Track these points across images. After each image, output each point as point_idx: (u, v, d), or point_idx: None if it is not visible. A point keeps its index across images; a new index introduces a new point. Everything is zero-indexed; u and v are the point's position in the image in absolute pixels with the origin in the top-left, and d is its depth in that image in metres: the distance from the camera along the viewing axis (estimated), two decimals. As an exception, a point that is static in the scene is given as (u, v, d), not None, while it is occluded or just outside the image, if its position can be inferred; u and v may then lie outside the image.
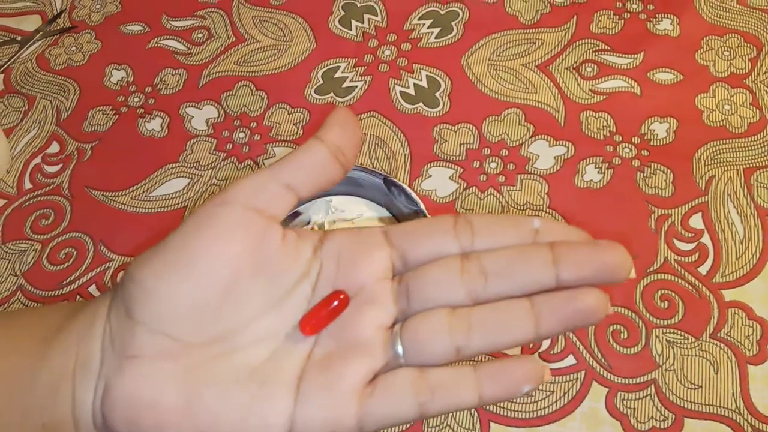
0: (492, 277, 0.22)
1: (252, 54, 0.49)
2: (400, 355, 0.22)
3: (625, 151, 0.43)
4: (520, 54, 0.47)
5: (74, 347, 0.23)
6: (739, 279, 0.38)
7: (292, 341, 0.23)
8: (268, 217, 0.23)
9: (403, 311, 0.23)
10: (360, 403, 0.21)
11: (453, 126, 0.45)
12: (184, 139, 0.46)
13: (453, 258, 0.23)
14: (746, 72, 0.46)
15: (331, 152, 0.24)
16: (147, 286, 0.22)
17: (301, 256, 0.24)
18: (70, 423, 0.22)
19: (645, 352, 0.37)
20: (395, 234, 0.24)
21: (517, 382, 0.22)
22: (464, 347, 0.22)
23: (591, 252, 0.22)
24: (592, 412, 0.35)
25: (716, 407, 0.35)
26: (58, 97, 0.48)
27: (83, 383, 0.22)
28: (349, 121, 0.25)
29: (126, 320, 0.22)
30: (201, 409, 0.21)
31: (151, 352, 0.22)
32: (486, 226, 0.23)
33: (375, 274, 0.24)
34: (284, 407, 0.21)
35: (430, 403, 0.22)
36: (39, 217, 0.43)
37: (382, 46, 0.49)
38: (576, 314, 0.21)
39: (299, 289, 0.24)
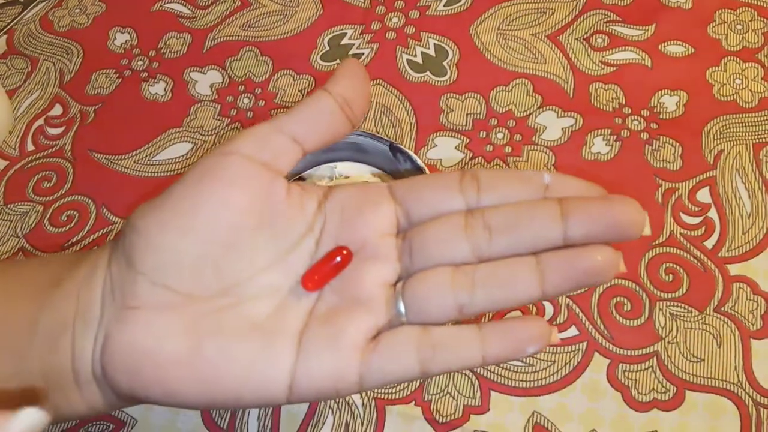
0: (496, 233, 0.22)
1: (258, 19, 0.48)
2: (402, 314, 0.22)
3: (633, 123, 0.42)
4: (529, 23, 0.47)
5: (74, 297, 0.22)
6: (745, 254, 0.38)
7: (294, 296, 0.23)
8: (272, 170, 0.23)
9: (407, 268, 0.23)
10: (362, 358, 0.21)
11: (460, 95, 0.44)
12: (187, 104, 0.45)
13: (457, 214, 0.23)
14: (759, 46, 0.45)
15: (338, 105, 0.23)
16: (149, 236, 0.22)
17: (306, 211, 0.24)
18: (69, 373, 0.22)
19: (648, 325, 0.36)
20: (399, 189, 0.24)
21: (523, 343, 0.21)
22: (467, 305, 0.21)
23: (602, 207, 0.21)
24: (593, 383, 0.35)
25: (718, 380, 0.35)
26: (62, 59, 0.47)
27: (83, 333, 0.22)
28: (359, 73, 0.24)
29: (127, 270, 0.22)
30: (202, 361, 0.21)
31: (153, 304, 0.21)
32: (493, 181, 0.23)
33: (379, 230, 0.23)
34: (286, 361, 0.21)
35: (432, 360, 0.21)
36: (41, 179, 0.43)
37: (390, 13, 0.48)
38: (584, 272, 0.21)
39: (303, 243, 0.23)
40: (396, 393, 0.35)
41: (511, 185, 0.23)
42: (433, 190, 0.23)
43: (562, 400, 0.35)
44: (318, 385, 0.21)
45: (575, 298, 0.37)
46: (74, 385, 0.22)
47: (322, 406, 0.35)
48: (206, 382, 0.21)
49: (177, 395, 0.21)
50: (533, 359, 0.36)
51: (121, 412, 0.36)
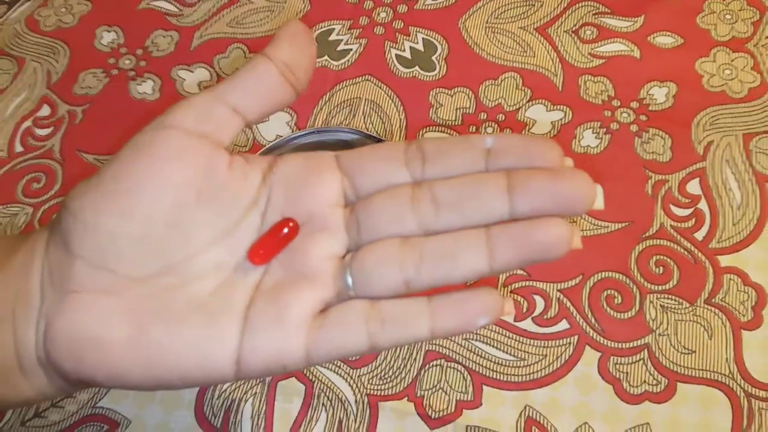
0: (443, 207, 0.21)
1: (245, 15, 0.48)
2: (350, 287, 0.21)
3: (623, 116, 0.42)
4: (518, 16, 0.47)
5: (13, 284, 0.22)
6: (735, 245, 0.38)
7: (241, 272, 0.22)
8: (213, 142, 0.22)
9: (355, 241, 0.22)
10: (308, 333, 0.21)
11: (449, 90, 0.44)
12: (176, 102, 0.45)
13: (403, 187, 0.22)
14: (748, 36, 0.45)
15: (279, 71, 0.22)
16: (85, 219, 0.21)
17: (250, 183, 0.23)
18: (13, 361, 0.22)
19: (639, 317, 0.36)
20: (345, 159, 0.23)
21: (473, 315, 0.20)
22: (413, 280, 0.21)
23: (549, 180, 0.20)
24: (584, 376, 0.35)
25: (710, 372, 0.35)
26: (48, 59, 0.47)
27: (23, 320, 0.21)
28: (301, 35, 0.23)
29: (65, 254, 0.21)
30: (147, 342, 0.20)
31: (93, 287, 0.21)
32: (437, 150, 0.22)
33: (326, 201, 0.23)
34: (231, 338, 0.21)
35: (381, 334, 0.21)
36: (30, 181, 0.42)
37: (378, 8, 0.48)
38: (535, 246, 0.20)
39: (248, 217, 0.23)
40: (389, 389, 0.36)
41: (453, 154, 0.22)
42: (378, 161, 0.23)
43: (553, 393, 0.35)
44: (265, 361, 0.21)
45: (566, 291, 0.37)
46: (19, 373, 0.22)
47: (315, 403, 0.35)
48: (151, 364, 0.21)
49: (122, 378, 0.21)
50: (525, 353, 0.36)
51: (115, 413, 0.36)
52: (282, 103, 0.23)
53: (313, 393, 0.36)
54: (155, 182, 0.21)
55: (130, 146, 0.21)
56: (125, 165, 0.21)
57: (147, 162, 0.21)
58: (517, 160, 0.21)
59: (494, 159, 0.21)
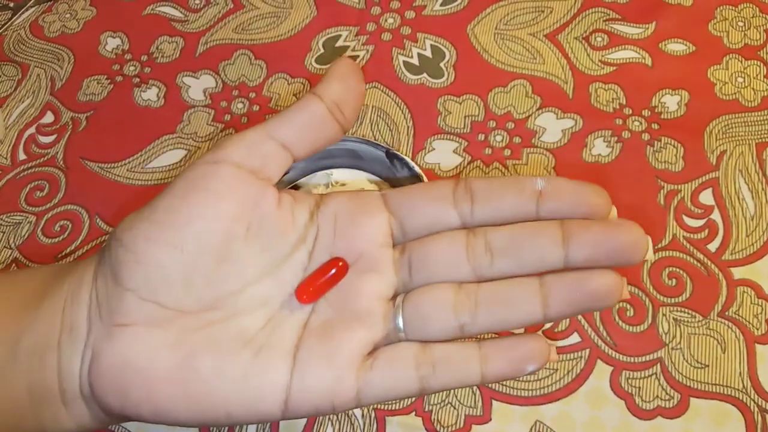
0: (498, 255, 0.21)
1: (251, 21, 0.48)
2: (401, 329, 0.22)
3: (634, 124, 0.42)
4: (527, 23, 0.46)
5: (59, 315, 0.22)
6: (749, 256, 0.37)
7: (287, 309, 0.22)
8: (262, 178, 0.22)
9: (405, 283, 0.22)
10: (359, 374, 0.21)
11: (458, 97, 0.44)
12: (181, 110, 0.44)
13: (459, 232, 0.22)
14: (761, 43, 0.44)
15: (328, 109, 0.23)
16: (137, 251, 0.21)
17: (298, 221, 0.23)
18: (56, 391, 0.22)
19: (651, 331, 0.36)
20: (393, 198, 0.23)
21: (523, 361, 0.21)
22: (468, 325, 0.21)
23: (603, 231, 0.20)
24: (596, 390, 0.35)
25: (723, 387, 0.34)
26: (52, 65, 0.47)
27: (69, 352, 0.21)
28: (351, 74, 0.23)
29: (114, 286, 0.21)
30: (193, 378, 0.20)
31: (141, 320, 0.21)
32: (486, 191, 0.22)
33: (375, 240, 0.23)
34: (280, 377, 0.21)
35: (432, 377, 0.21)
36: (33, 189, 0.42)
37: (386, 13, 0.47)
38: (587, 297, 0.20)
39: (296, 255, 0.23)
40: (396, 403, 0.35)
41: (503, 195, 0.22)
42: (427, 201, 0.23)
43: (564, 408, 0.35)
44: (314, 401, 0.21)
45: (577, 304, 0.37)
46: (61, 403, 0.22)
47: (321, 418, 0.35)
48: (197, 400, 0.21)
49: (167, 413, 0.21)
50: (535, 367, 0.35)
51: (119, 426, 0.35)
52: (330, 139, 0.23)
53: (319, 407, 0.35)
54: (206, 215, 0.21)
55: (182, 179, 0.22)
56: (177, 198, 0.21)
57: (199, 195, 0.21)
58: (567, 206, 0.21)
59: (545, 203, 0.22)
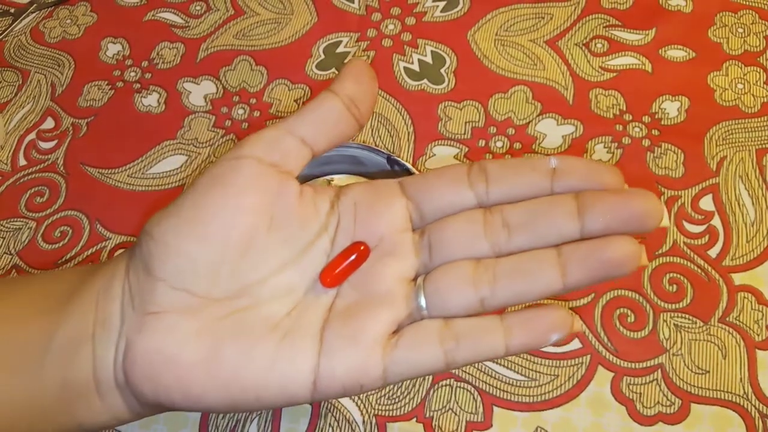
0: (515, 230, 0.22)
1: (251, 27, 0.48)
2: (423, 308, 0.22)
3: (635, 130, 0.42)
4: (528, 29, 0.46)
5: (92, 308, 0.23)
6: (749, 262, 0.38)
7: (312, 294, 0.23)
8: (284, 172, 0.23)
9: (425, 264, 0.23)
10: (384, 352, 0.21)
11: (458, 103, 0.44)
12: (181, 116, 0.44)
13: (476, 211, 0.23)
14: (760, 50, 0.44)
15: (345, 105, 0.23)
16: (167, 242, 0.22)
17: (319, 211, 0.24)
18: (91, 382, 0.22)
19: (652, 336, 0.36)
20: (410, 184, 0.24)
21: (546, 330, 0.21)
22: (488, 298, 0.22)
23: (618, 200, 0.21)
24: (597, 396, 0.35)
25: (724, 392, 0.34)
26: (53, 71, 0.47)
27: (103, 342, 0.22)
28: (364, 72, 0.24)
29: (146, 277, 0.22)
30: (224, 363, 0.21)
31: (173, 308, 0.22)
32: (501, 171, 0.23)
33: (394, 225, 0.24)
34: (308, 359, 0.21)
35: (456, 351, 0.21)
36: (34, 195, 0.42)
37: (386, 20, 0.47)
38: (605, 264, 0.20)
39: (318, 243, 0.24)
40: (397, 410, 0.35)
41: (518, 175, 0.23)
42: (442, 185, 0.24)
43: (566, 414, 0.35)
44: (342, 381, 0.21)
45: (578, 310, 0.37)
46: (96, 395, 0.23)
47: (321, 424, 0.35)
48: (228, 384, 0.21)
49: (199, 399, 0.21)
50: (536, 373, 0.35)
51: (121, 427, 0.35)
52: (347, 134, 0.24)
53: (319, 413, 0.35)
54: (230, 208, 0.22)
55: (206, 176, 0.23)
56: (202, 194, 0.22)
57: (223, 190, 0.22)
58: (581, 182, 0.22)
59: (559, 180, 0.22)
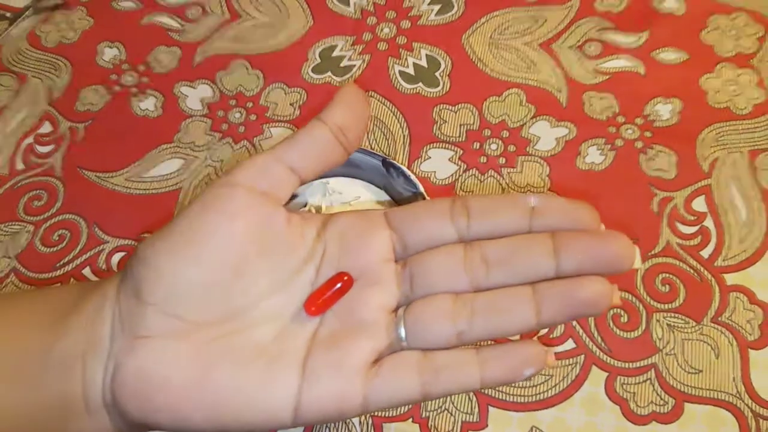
0: (493, 266, 0.23)
1: (247, 31, 0.48)
2: (403, 338, 0.23)
3: (628, 132, 0.42)
4: (522, 32, 0.46)
5: (84, 330, 0.23)
6: (741, 263, 0.38)
7: (297, 322, 0.24)
8: (272, 199, 0.24)
9: (406, 296, 0.24)
10: (365, 382, 0.22)
11: (453, 106, 0.44)
12: (178, 119, 0.45)
13: (456, 246, 0.24)
14: (753, 52, 0.45)
15: (333, 134, 0.24)
16: (158, 267, 0.22)
17: (306, 239, 0.25)
18: (80, 401, 0.23)
19: (645, 336, 0.36)
20: (394, 216, 0.25)
21: (520, 366, 0.22)
22: (466, 332, 0.22)
23: (592, 241, 0.21)
24: (591, 396, 0.35)
25: (717, 392, 0.35)
26: (50, 75, 0.47)
27: (93, 364, 0.23)
28: (356, 100, 0.25)
29: (135, 302, 0.23)
30: (212, 386, 0.22)
31: (162, 332, 0.22)
32: (482, 207, 0.24)
33: (378, 256, 0.24)
34: (291, 385, 0.22)
35: (433, 383, 0.22)
36: (31, 199, 0.42)
37: (381, 23, 0.48)
38: (578, 303, 0.21)
39: (304, 271, 0.24)
40: (393, 410, 0.35)
41: (498, 211, 0.23)
42: (426, 218, 0.24)
43: (560, 414, 0.35)
44: (323, 408, 0.22)
45: (572, 311, 0.37)
46: (85, 413, 0.23)
47: (319, 426, 0.35)
48: (215, 408, 0.22)
49: (186, 421, 0.22)
50: (531, 374, 0.36)
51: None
52: (335, 162, 0.25)
53: (317, 414, 0.35)
54: (223, 233, 0.23)
55: (198, 202, 0.23)
56: (195, 218, 0.23)
57: (215, 216, 0.23)
58: (558, 221, 0.23)
59: (537, 218, 0.23)
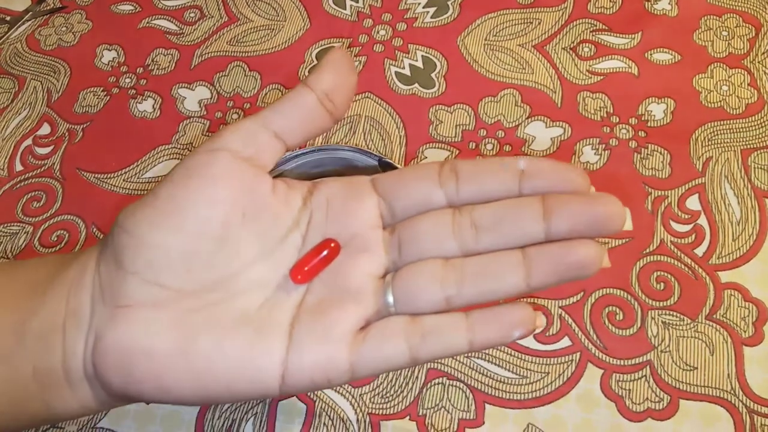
0: (483, 230, 0.22)
1: (245, 34, 0.48)
2: (391, 304, 0.22)
3: (622, 132, 0.43)
4: (516, 34, 0.47)
5: (64, 300, 0.23)
6: (735, 260, 0.38)
7: (284, 289, 0.23)
8: (257, 165, 0.23)
9: (394, 262, 0.23)
10: (352, 347, 0.21)
11: (449, 107, 0.44)
12: (176, 121, 0.45)
13: (445, 211, 0.23)
14: (745, 52, 0.45)
15: (318, 100, 0.23)
16: (140, 235, 0.22)
17: (292, 206, 0.24)
18: (60, 372, 0.23)
19: (640, 334, 0.36)
20: (382, 182, 0.24)
21: (509, 327, 0.21)
22: (454, 297, 0.22)
23: (582, 204, 0.21)
24: (587, 393, 0.35)
25: (711, 389, 0.35)
26: (49, 78, 0.47)
27: (74, 334, 0.22)
28: (343, 64, 0.24)
29: (116, 271, 0.22)
30: (196, 355, 0.21)
31: (144, 301, 0.22)
32: (470, 171, 0.23)
33: (365, 223, 0.24)
34: (277, 352, 0.21)
35: (421, 347, 0.21)
36: (30, 200, 0.42)
37: (377, 25, 0.48)
38: (568, 266, 0.21)
39: (290, 238, 0.24)
40: (390, 408, 0.35)
41: (487, 174, 0.23)
42: (413, 183, 0.24)
43: (556, 411, 0.35)
44: (310, 375, 0.21)
45: (568, 308, 0.37)
46: (66, 385, 0.23)
47: (316, 423, 0.35)
48: (200, 377, 0.21)
49: (171, 390, 0.22)
50: (527, 371, 0.36)
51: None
52: (320, 128, 0.24)
53: (314, 412, 0.35)
54: (206, 200, 0.22)
55: (181, 167, 0.23)
56: (178, 184, 0.22)
57: (198, 182, 0.22)
58: (548, 184, 0.22)
59: (527, 181, 0.22)
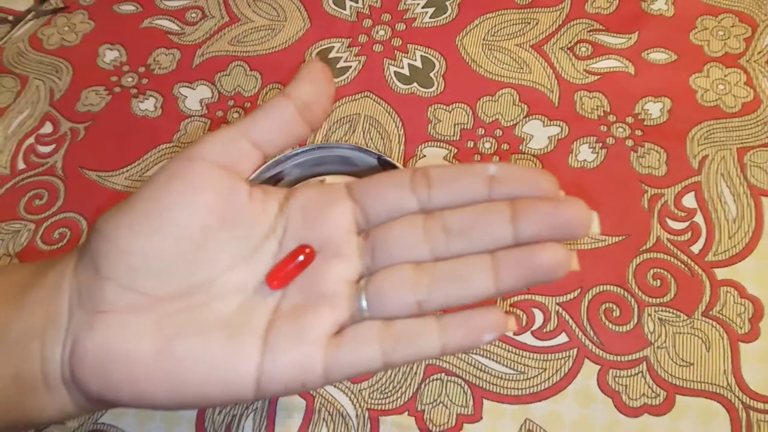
0: (453, 235, 0.23)
1: (246, 34, 0.49)
2: (364, 309, 0.23)
3: (618, 131, 0.43)
4: (514, 34, 0.47)
5: (43, 305, 0.23)
6: (731, 258, 0.39)
7: (260, 295, 0.23)
8: (235, 173, 0.24)
9: (368, 267, 0.24)
10: (326, 352, 0.22)
11: (447, 106, 0.45)
12: (178, 120, 0.45)
13: (417, 216, 0.23)
14: (740, 52, 0.46)
15: (297, 110, 0.24)
16: (118, 240, 0.22)
17: (268, 212, 0.24)
18: (39, 377, 0.23)
19: (637, 330, 0.37)
20: (356, 188, 0.25)
21: (480, 331, 0.22)
22: (426, 301, 0.22)
23: (549, 208, 0.21)
24: (584, 389, 0.36)
25: (708, 384, 0.35)
26: (51, 77, 0.48)
27: (51, 339, 0.22)
28: (321, 75, 0.24)
29: (94, 277, 0.22)
30: (172, 359, 0.21)
31: (121, 307, 0.22)
32: (442, 177, 0.23)
33: (340, 228, 0.24)
34: (252, 357, 0.22)
35: (394, 351, 0.22)
36: (33, 198, 0.43)
37: (377, 26, 0.48)
38: (536, 269, 0.21)
39: (267, 244, 0.24)
40: (389, 403, 0.36)
41: (458, 180, 0.23)
42: (387, 189, 0.24)
43: (553, 407, 0.35)
44: (285, 379, 0.22)
45: (565, 305, 0.38)
46: (44, 390, 0.23)
47: (316, 418, 0.36)
48: (176, 382, 0.21)
49: (147, 396, 0.22)
50: (525, 367, 0.36)
51: (117, 429, 0.36)
52: (298, 138, 0.25)
53: (313, 408, 0.36)
54: (185, 206, 0.23)
55: (161, 174, 0.23)
56: (156, 190, 0.23)
57: (177, 188, 0.23)
58: (517, 189, 0.22)
59: (497, 187, 0.23)
